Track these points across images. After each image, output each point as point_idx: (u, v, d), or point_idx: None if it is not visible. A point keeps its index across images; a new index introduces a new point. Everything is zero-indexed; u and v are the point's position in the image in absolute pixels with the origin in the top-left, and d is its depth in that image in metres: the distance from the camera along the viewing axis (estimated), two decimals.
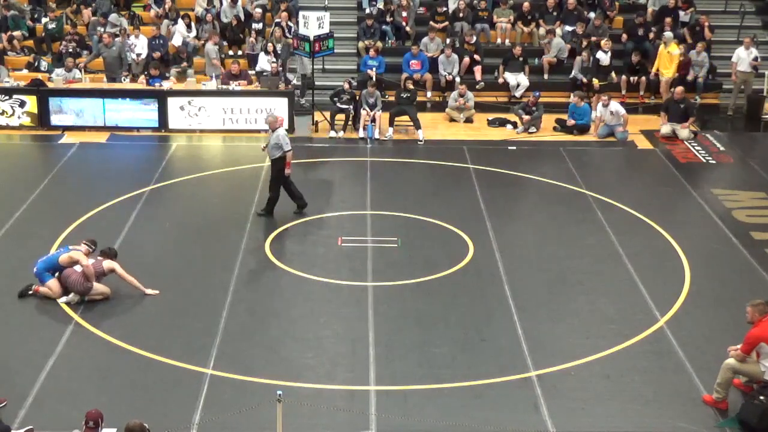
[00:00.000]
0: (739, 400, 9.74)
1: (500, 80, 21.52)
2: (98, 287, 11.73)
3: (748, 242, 13.98)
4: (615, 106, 19.13)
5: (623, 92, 21.45)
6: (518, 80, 21.43)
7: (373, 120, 18.94)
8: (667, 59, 21.03)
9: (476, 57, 21.60)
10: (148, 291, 11.93)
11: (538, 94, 19.85)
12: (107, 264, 11.81)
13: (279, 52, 20.84)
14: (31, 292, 11.80)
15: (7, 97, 18.92)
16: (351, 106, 19.16)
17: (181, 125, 18.85)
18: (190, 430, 9.22)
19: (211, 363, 10.40)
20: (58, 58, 20.80)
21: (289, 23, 21.89)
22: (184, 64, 21.07)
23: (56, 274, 11.76)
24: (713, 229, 14.56)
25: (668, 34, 21.44)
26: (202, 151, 18.44)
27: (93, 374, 10.21)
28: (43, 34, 21.97)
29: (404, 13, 22.80)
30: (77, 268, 11.70)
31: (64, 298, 11.63)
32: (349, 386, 10.04)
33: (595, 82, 21.05)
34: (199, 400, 9.69)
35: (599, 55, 21.08)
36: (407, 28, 22.68)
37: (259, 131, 19.01)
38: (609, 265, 13.17)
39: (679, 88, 19.44)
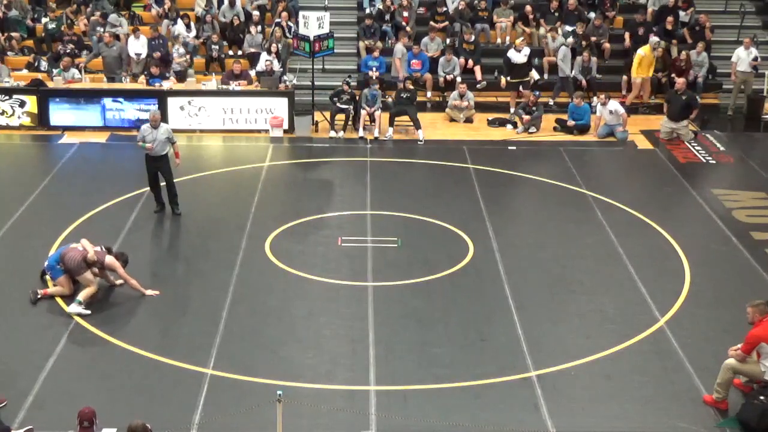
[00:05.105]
0: (739, 400, 9.74)
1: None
2: (88, 275, 11.64)
3: (748, 242, 13.98)
4: (614, 105, 19.12)
5: (623, 92, 21.47)
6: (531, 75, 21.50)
7: (373, 120, 18.96)
8: (649, 61, 21.05)
9: (470, 63, 21.59)
10: (148, 292, 11.93)
11: (538, 93, 19.85)
12: (109, 259, 11.79)
13: (279, 51, 20.85)
14: (39, 297, 11.72)
15: (7, 97, 18.92)
16: (351, 106, 19.17)
17: (181, 125, 18.84)
18: (190, 430, 9.22)
19: (211, 363, 10.41)
20: (55, 58, 20.79)
21: (289, 23, 21.91)
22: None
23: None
24: (713, 229, 14.56)
25: (654, 38, 21.46)
26: (202, 151, 18.44)
27: (93, 374, 10.22)
28: (43, 34, 21.98)
29: (405, 13, 22.80)
30: (78, 246, 11.75)
31: (75, 309, 11.47)
32: (349, 386, 10.05)
33: (503, 80, 20.79)
34: (199, 400, 9.69)
35: (511, 53, 20.68)
36: (407, 28, 22.69)
37: (259, 131, 19.03)
38: (609, 265, 13.17)
39: (681, 80, 19.44)
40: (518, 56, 20.50)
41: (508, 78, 20.59)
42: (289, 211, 14.92)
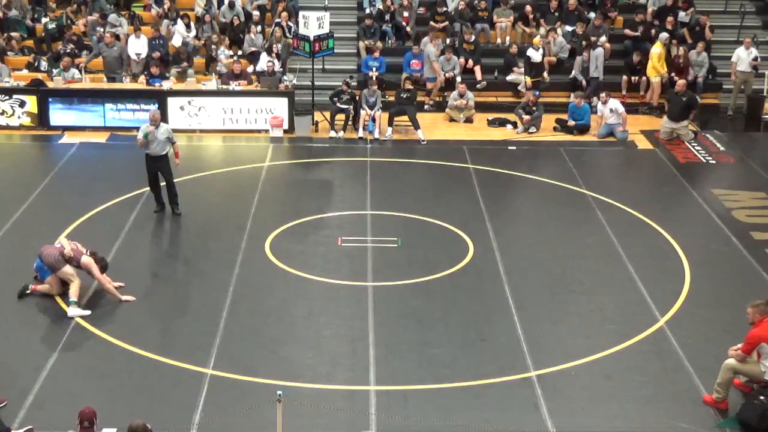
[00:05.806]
0: (739, 400, 9.74)
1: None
2: (68, 269, 11.62)
3: (748, 242, 13.98)
4: (614, 103, 19.13)
5: (623, 92, 21.47)
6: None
7: (373, 120, 18.96)
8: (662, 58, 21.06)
9: (470, 63, 21.60)
10: (125, 297, 11.81)
11: (538, 93, 19.86)
12: (85, 259, 11.73)
13: (279, 52, 20.85)
14: (29, 292, 11.83)
15: (7, 97, 18.92)
16: (351, 106, 19.16)
17: (181, 125, 18.84)
18: (190, 430, 9.22)
19: (211, 363, 10.40)
20: (55, 58, 20.79)
21: (289, 23, 21.90)
22: (185, 63, 21.06)
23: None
24: (713, 229, 14.56)
25: (663, 34, 21.49)
26: (202, 151, 18.44)
27: (93, 374, 10.21)
28: (43, 34, 21.97)
29: (405, 13, 22.80)
30: (57, 244, 11.83)
31: (75, 312, 11.45)
32: (349, 386, 10.05)
33: (527, 79, 21.04)
34: (199, 400, 9.69)
35: (530, 52, 21.08)
36: (408, 28, 22.69)
37: (259, 131, 19.03)
38: (609, 265, 13.17)
39: (681, 82, 19.45)
40: (536, 55, 20.70)
41: (527, 78, 20.92)
42: (289, 211, 14.92)
